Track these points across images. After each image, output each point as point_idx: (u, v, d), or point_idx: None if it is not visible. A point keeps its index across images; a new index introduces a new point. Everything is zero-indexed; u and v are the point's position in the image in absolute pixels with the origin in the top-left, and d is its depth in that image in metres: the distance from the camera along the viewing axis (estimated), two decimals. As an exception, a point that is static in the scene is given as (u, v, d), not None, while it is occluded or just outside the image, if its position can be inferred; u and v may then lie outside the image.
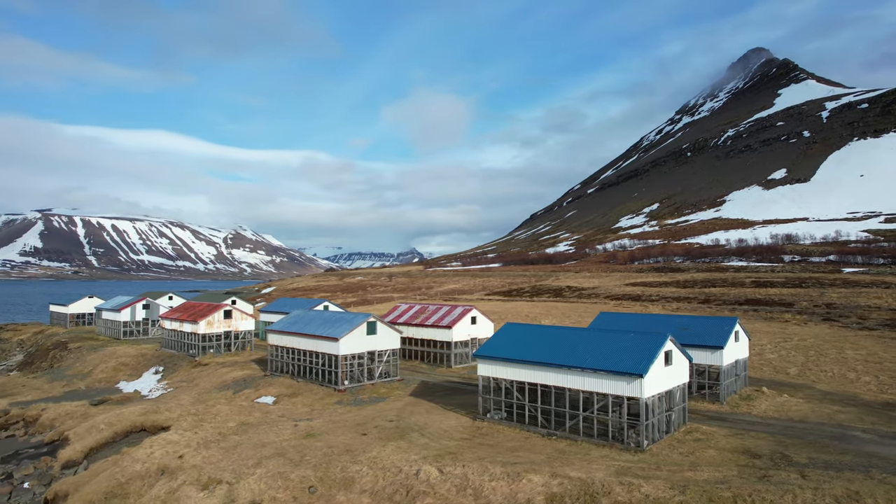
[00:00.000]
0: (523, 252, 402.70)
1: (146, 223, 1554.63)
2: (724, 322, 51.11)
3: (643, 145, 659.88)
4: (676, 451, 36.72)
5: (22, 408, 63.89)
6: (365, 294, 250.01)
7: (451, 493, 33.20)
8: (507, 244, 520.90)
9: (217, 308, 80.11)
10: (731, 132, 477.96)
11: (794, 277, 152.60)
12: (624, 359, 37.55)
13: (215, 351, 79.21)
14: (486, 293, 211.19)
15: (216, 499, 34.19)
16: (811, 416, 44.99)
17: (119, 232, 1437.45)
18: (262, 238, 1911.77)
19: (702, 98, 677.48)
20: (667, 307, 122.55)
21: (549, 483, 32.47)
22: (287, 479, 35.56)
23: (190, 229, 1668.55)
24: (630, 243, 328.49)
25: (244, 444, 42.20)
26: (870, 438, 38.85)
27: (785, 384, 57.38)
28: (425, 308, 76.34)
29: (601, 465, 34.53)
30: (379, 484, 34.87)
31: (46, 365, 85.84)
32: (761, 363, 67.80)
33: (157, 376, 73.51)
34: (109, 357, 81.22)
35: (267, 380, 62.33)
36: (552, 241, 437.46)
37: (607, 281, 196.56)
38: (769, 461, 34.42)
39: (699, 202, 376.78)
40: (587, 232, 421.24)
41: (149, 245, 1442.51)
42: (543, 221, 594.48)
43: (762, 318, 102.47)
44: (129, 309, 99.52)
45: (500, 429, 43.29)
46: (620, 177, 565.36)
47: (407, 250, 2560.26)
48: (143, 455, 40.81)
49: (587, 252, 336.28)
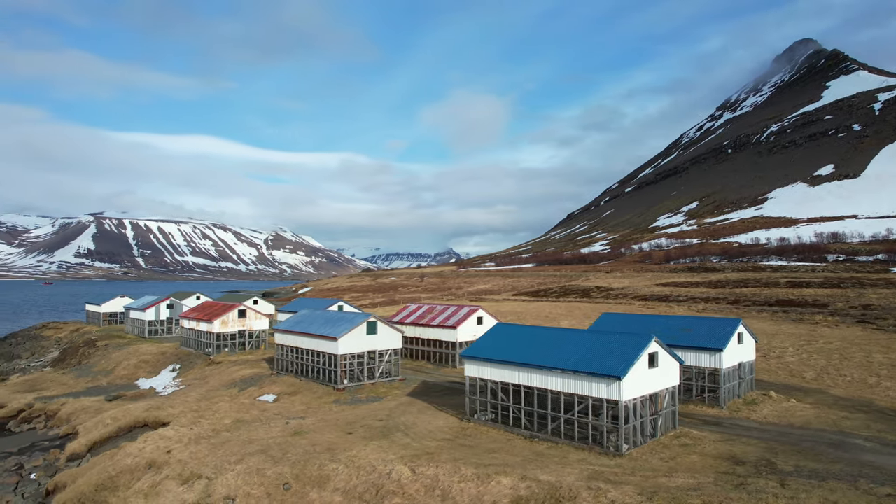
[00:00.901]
0: (558, 252, 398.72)
1: (190, 225, 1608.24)
2: (727, 323, 49.29)
3: (682, 142, 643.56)
4: (657, 457, 35.59)
5: (45, 402, 66.94)
6: (394, 294, 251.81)
7: (419, 494, 33.08)
8: (542, 244, 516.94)
9: (231, 308, 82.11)
10: (774, 127, 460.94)
11: (833, 277, 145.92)
12: (604, 360, 36.65)
13: (230, 350, 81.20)
14: (514, 293, 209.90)
15: (194, 493, 35.01)
16: (814, 422, 42.92)
17: (165, 234, 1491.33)
18: (302, 239, 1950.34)
19: (744, 93, 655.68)
20: (692, 308, 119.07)
21: (517, 486, 31.98)
22: (264, 476, 36.11)
23: (232, 231, 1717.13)
24: (666, 243, 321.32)
25: (233, 441, 43.08)
26: (870, 447, 36.78)
27: (797, 388, 54.95)
28: (433, 308, 76.34)
29: (575, 468, 33.78)
30: (352, 483, 35.03)
31: (76, 362, 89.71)
32: (778, 366, 65.13)
33: (174, 374, 75.83)
34: (132, 355, 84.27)
35: (272, 378, 63.49)
36: (588, 240, 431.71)
37: (638, 281, 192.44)
38: (752, 468, 32.98)
39: (740, 200, 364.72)
40: (623, 231, 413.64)
41: (193, 246, 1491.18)
42: (580, 221, 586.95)
43: (791, 320, 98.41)
44: (153, 308, 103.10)
45: (485, 430, 42.87)
46: (659, 175, 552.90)
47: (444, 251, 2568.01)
48: (136, 450, 42.15)
49: (622, 252, 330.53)
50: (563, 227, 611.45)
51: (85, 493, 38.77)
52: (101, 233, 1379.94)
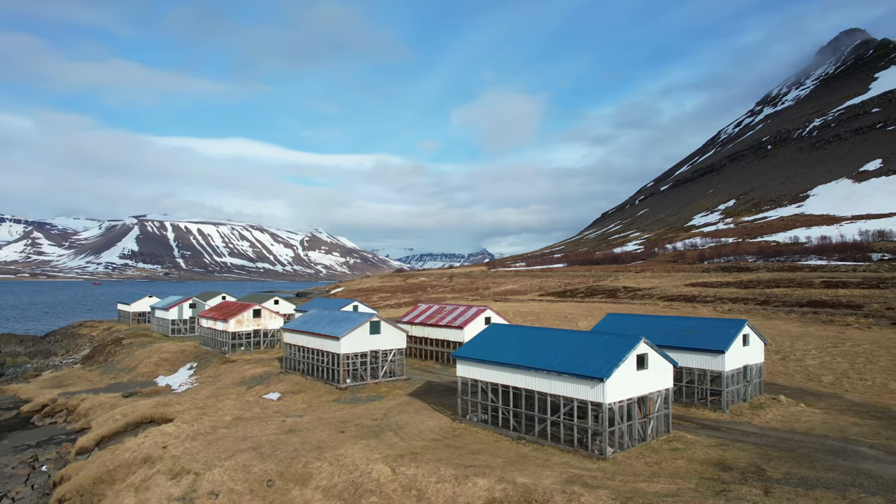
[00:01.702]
0: (590, 252, 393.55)
1: (228, 227, 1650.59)
2: (731, 325, 47.61)
3: (720, 139, 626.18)
4: (643, 461, 34.63)
5: (67, 397, 69.61)
6: (422, 294, 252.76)
7: (395, 493, 33.04)
8: (575, 244, 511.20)
9: (246, 307, 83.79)
10: (817, 121, 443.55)
11: (872, 277, 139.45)
12: (588, 362, 35.89)
13: (245, 348, 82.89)
14: (540, 294, 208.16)
15: (180, 488, 35.81)
16: (819, 427, 41.06)
17: (204, 236, 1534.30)
18: (337, 240, 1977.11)
19: (786, 87, 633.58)
20: (717, 309, 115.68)
21: (492, 488, 31.62)
22: (249, 472, 36.68)
23: (269, 232, 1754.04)
24: (701, 242, 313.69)
25: (228, 438, 43.90)
26: (873, 455, 34.96)
27: (811, 392, 52.71)
28: (442, 308, 76.25)
29: (555, 471, 33.19)
30: (333, 481, 35.24)
31: (102, 359, 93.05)
32: (796, 369, 62.62)
33: (190, 371, 77.84)
34: (154, 353, 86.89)
35: (279, 377, 64.49)
36: (621, 240, 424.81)
37: (667, 281, 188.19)
38: (738, 475, 31.76)
39: (779, 197, 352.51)
40: (658, 231, 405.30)
41: (231, 248, 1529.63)
42: (614, 220, 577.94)
43: (820, 322, 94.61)
44: (176, 308, 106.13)
45: (475, 431, 42.54)
46: (695, 173, 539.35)
47: (478, 251, 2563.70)
48: (135, 444, 43.39)
49: (655, 251, 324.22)
50: (596, 227, 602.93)
51: (83, 486, 40.13)
52: (143, 235, 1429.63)
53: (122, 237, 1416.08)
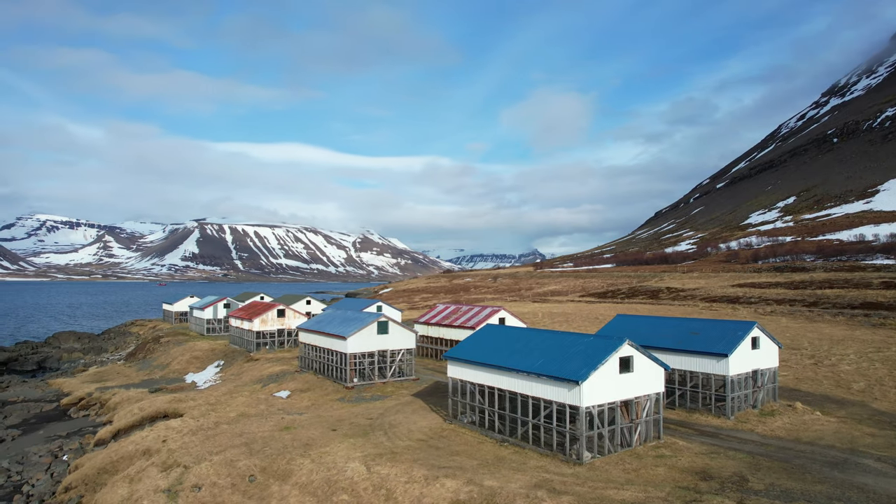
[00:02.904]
0: (640, 252, 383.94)
1: (283, 229, 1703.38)
2: (738, 327, 45.20)
3: (781, 134, 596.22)
4: (621, 467, 33.36)
5: (101, 392, 73.52)
6: (464, 295, 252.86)
7: (366, 492, 33.15)
8: (626, 244, 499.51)
9: (271, 307, 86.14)
10: (890, 111, 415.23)
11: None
12: (567, 364, 34.92)
13: (270, 347, 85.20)
14: (581, 294, 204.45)
15: (168, 480, 37.17)
16: (827, 437, 38.40)
17: (260, 238, 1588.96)
18: (388, 242, 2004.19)
19: (855, 75, 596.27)
20: (759, 311, 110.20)
21: (459, 490, 31.24)
22: (234, 467, 37.67)
23: (322, 234, 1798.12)
24: (757, 241, 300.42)
25: (226, 433, 45.22)
26: (876, 468, 32.40)
27: (835, 400, 49.38)
28: (458, 308, 76.03)
29: (527, 475, 32.45)
30: (311, 478, 35.70)
31: (142, 356, 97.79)
32: (827, 375, 58.79)
33: (217, 369, 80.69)
34: (187, 351, 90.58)
35: (294, 375, 65.93)
36: (673, 239, 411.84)
37: (714, 282, 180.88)
38: (717, 485, 30.12)
39: (845, 193, 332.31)
40: (712, 230, 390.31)
41: (286, 249, 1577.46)
42: (668, 219, 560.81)
43: (870, 325, 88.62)
44: (211, 308, 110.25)
45: (463, 432, 42.13)
46: (753, 169, 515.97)
47: (528, 251, 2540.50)
48: (139, 437, 45.37)
49: (708, 251, 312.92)
50: (649, 226, 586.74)
51: (89, 476, 42.31)
52: (203, 237, 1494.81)
53: (183, 240, 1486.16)
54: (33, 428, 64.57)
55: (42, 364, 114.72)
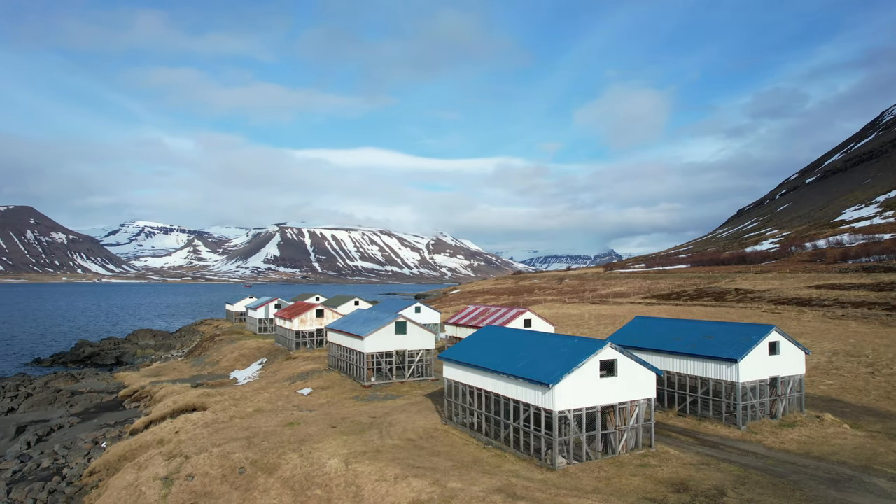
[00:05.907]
0: (717, 252, 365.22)
1: (359, 232, 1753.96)
2: (753, 331, 41.96)
3: (883, 121, 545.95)
4: (595, 475, 31.91)
5: (153, 385, 78.86)
6: (526, 296, 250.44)
7: (338, 488, 33.66)
8: (704, 243, 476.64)
9: (310, 308, 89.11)
10: None
11: None
12: (543, 366, 33.86)
13: (309, 346, 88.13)
14: (644, 296, 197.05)
15: (167, 469, 39.38)
16: (843, 452, 34.88)
17: (337, 241, 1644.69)
18: (461, 243, 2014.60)
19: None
20: (828, 314, 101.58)
21: (422, 490, 31.10)
22: (228, 459, 39.35)
23: (396, 237, 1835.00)
24: (849, 239, 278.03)
25: (234, 427, 47.33)
26: (884, 488, 29.11)
27: (875, 413, 44.79)
28: (486, 310, 75.42)
29: (495, 479, 31.77)
30: (294, 472, 36.69)
31: (198, 353, 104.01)
32: (879, 385, 53.38)
33: (259, 367, 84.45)
34: (236, 349, 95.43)
35: (322, 374, 67.90)
36: (755, 238, 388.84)
37: (789, 283, 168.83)
38: (688, 498, 28.18)
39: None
40: (799, 227, 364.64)
41: (361, 252, 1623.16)
42: (751, 217, 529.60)
43: (953, 330, 79.64)
44: (263, 308, 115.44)
45: (454, 434, 41.78)
46: (848, 162, 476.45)
47: (604, 252, 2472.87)
48: (158, 428, 48.38)
49: (791, 250, 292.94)
50: (731, 225, 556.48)
51: (110, 462, 45.61)
52: (284, 241, 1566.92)
53: (265, 243, 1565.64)
54: (91, 416, 70.25)
55: (119, 359, 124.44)
